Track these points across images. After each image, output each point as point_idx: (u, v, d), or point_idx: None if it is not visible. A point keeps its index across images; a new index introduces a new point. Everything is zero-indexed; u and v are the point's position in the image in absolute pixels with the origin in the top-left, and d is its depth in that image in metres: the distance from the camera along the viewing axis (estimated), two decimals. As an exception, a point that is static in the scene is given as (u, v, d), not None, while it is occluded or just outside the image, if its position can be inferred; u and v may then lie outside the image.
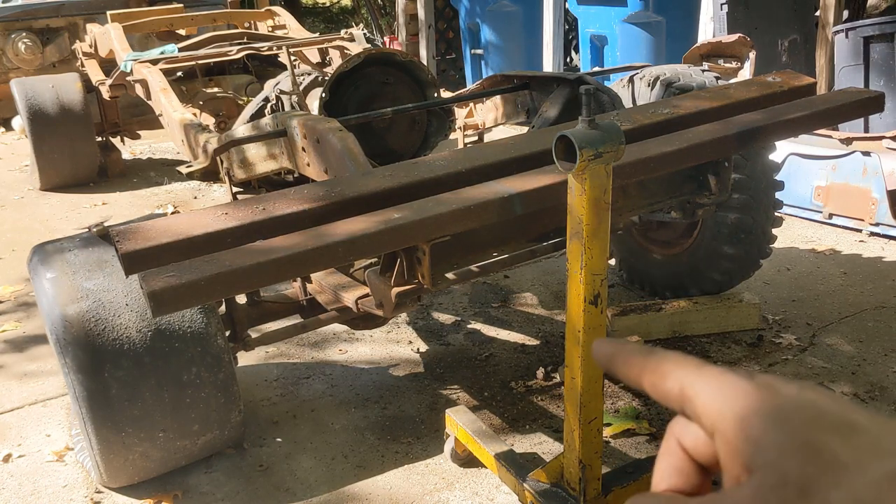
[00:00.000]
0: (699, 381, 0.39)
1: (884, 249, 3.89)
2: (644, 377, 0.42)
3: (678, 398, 0.40)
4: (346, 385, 2.90)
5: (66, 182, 5.54)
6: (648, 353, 0.43)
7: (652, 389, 0.42)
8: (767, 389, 0.36)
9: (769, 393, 0.36)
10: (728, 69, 3.78)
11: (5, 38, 6.88)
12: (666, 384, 0.40)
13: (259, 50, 4.36)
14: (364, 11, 11.01)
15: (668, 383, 0.40)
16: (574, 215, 1.66)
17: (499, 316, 3.39)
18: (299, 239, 1.68)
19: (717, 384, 0.38)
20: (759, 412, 0.35)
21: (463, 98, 3.37)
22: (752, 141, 2.25)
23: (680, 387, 0.40)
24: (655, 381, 0.41)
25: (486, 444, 2.16)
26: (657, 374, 0.41)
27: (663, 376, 0.41)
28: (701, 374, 0.39)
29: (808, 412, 0.34)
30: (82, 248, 2.24)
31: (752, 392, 0.36)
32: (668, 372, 0.41)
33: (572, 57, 7.48)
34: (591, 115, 1.56)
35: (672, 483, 0.42)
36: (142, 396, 2.12)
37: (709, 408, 0.38)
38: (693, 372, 0.39)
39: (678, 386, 0.40)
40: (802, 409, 0.35)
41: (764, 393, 0.36)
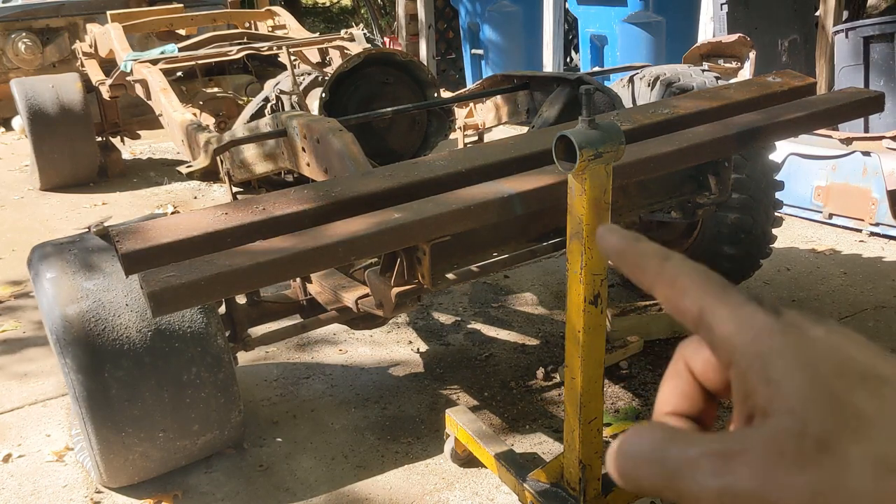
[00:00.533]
0: (721, 308, 0.36)
1: (884, 249, 3.89)
2: (658, 287, 0.39)
3: (694, 319, 0.37)
4: (346, 385, 2.90)
5: (66, 182, 5.53)
6: (665, 258, 0.39)
7: (665, 301, 0.38)
8: (794, 329, 0.34)
9: (795, 333, 0.34)
10: (728, 69, 3.78)
11: (5, 38, 6.88)
12: (683, 301, 0.37)
13: (259, 50, 4.36)
14: (364, 11, 11.02)
15: (686, 301, 0.37)
16: (574, 215, 1.66)
17: (499, 316, 3.39)
18: (299, 239, 1.68)
19: (741, 316, 0.35)
20: (782, 353, 0.33)
21: (463, 98, 3.37)
22: (752, 141, 2.25)
23: (699, 309, 0.36)
24: (671, 295, 0.38)
25: (486, 444, 2.16)
26: (674, 287, 0.38)
27: (681, 292, 0.37)
28: (724, 301, 0.36)
29: (834, 359, 0.32)
30: (82, 248, 2.24)
31: (777, 330, 0.34)
32: (687, 289, 0.37)
33: (572, 57, 7.48)
34: (591, 115, 1.56)
35: (677, 406, 0.40)
36: (142, 396, 2.12)
37: (729, 340, 0.35)
38: (715, 295, 0.36)
39: (696, 307, 0.37)
40: (829, 355, 0.33)
41: (790, 332, 0.34)
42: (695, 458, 0.33)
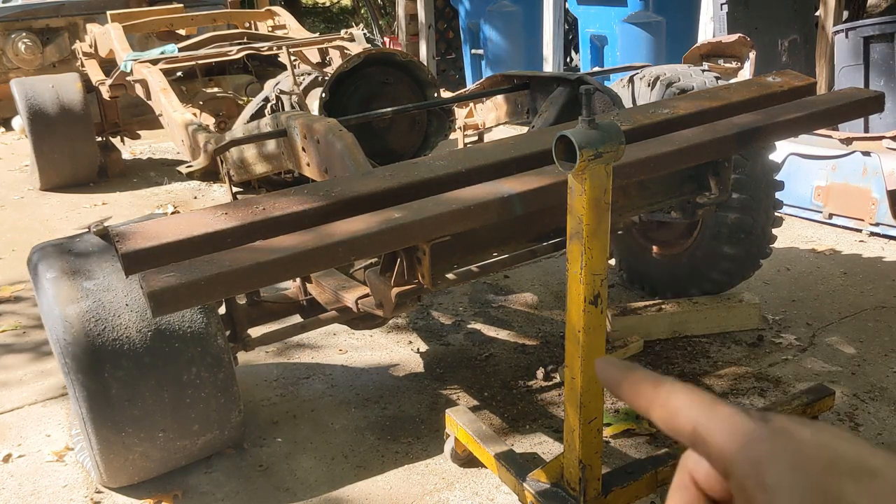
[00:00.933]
0: (712, 423, 0.38)
1: (884, 249, 3.89)
2: (653, 410, 0.42)
3: (690, 437, 0.39)
4: (346, 385, 2.90)
5: (66, 182, 5.53)
6: (657, 383, 0.42)
7: (662, 424, 0.41)
8: (782, 433, 0.36)
9: (784, 437, 0.36)
10: (728, 69, 3.78)
11: (5, 38, 6.88)
12: (677, 422, 0.40)
13: (259, 50, 4.36)
14: (364, 11, 11.01)
15: (680, 421, 0.40)
16: (574, 215, 1.66)
17: (499, 316, 3.39)
18: (299, 239, 1.68)
19: (731, 427, 0.37)
20: (774, 459, 0.35)
21: (463, 98, 3.37)
22: (752, 141, 2.25)
23: (692, 426, 0.39)
24: (666, 416, 0.41)
25: (486, 444, 2.16)
26: (667, 409, 0.41)
27: (674, 413, 0.40)
28: (713, 415, 0.38)
29: (823, 457, 0.34)
30: (82, 248, 2.24)
31: (766, 437, 0.36)
32: (679, 409, 0.40)
33: (572, 57, 7.47)
34: (591, 115, 1.56)
35: None
36: (142, 396, 2.12)
37: (723, 451, 0.37)
38: (705, 412, 0.39)
39: (690, 425, 0.39)
40: (818, 454, 0.34)
41: (779, 437, 0.36)
42: None
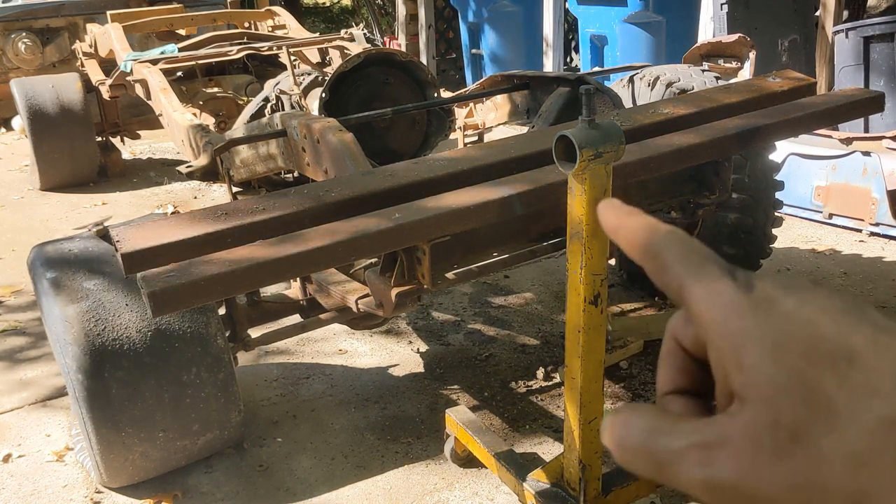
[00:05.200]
0: (696, 285, 0.36)
1: (884, 249, 3.89)
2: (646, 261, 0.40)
3: (676, 294, 0.38)
4: (346, 385, 2.89)
5: (66, 182, 5.53)
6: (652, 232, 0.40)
7: (652, 276, 0.39)
8: (766, 307, 0.34)
9: (766, 312, 0.34)
10: (728, 69, 3.78)
11: (5, 38, 6.88)
12: (665, 277, 0.38)
13: (259, 50, 4.36)
14: (364, 11, 11.01)
15: (668, 277, 0.38)
16: (574, 215, 1.65)
17: (499, 316, 3.39)
18: (299, 239, 1.68)
19: (713, 294, 0.35)
20: (753, 336, 0.33)
21: (463, 98, 3.37)
22: (752, 141, 2.25)
23: (678, 285, 0.37)
24: (655, 269, 0.39)
25: (486, 444, 2.16)
26: (658, 262, 0.39)
27: (664, 267, 0.38)
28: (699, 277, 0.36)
29: (804, 338, 0.33)
30: (82, 248, 2.24)
31: (748, 310, 0.34)
32: (669, 264, 0.38)
33: (572, 57, 7.47)
34: (591, 115, 1.56)
35: (675, 384, 0.41)
36: (142, 396, 2.12)
37: (703, 318, 0.36)
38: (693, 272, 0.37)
39: (676, 282, 0.37)
40: (798, 334, 0.33)
41: (761, 312, 0.34)
42: (680, 449, 0.34)
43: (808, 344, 0.33)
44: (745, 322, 0.34)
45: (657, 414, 0.37)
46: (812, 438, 0.31)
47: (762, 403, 0.32)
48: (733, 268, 0.37)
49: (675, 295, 0.38)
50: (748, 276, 0.36)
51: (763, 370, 0.33)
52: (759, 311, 0.34)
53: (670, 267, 0.38)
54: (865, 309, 0.34)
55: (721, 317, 0.35)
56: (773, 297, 0.35)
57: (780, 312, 0.34)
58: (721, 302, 0.35)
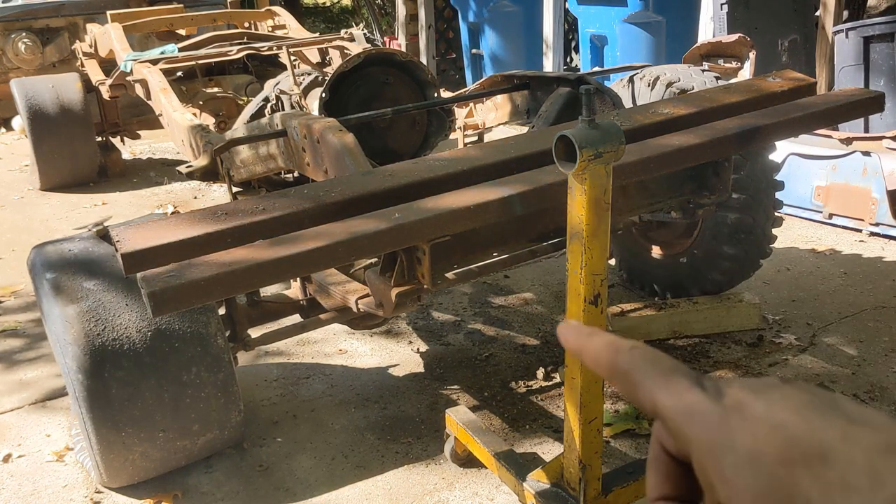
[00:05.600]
0: (669, 400, 0.38)
1: (884, 249, 3.89)
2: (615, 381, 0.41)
3: (651, 411, 0.39)
4: (346, 385, 2.89)
5: (66, 182, 5.53)
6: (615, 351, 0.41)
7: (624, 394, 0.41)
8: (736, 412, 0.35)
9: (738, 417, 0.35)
10: (728, 69, 3.78)
11: (5, 38, 6.88)
12: (637, 395, 0.39)
13: (259, 50, 4.36)
14: (364, 11, 11.01)
15: (640, 395, 0.39)
16: (574, 215, 1.66)
17: (499, 316, 3.39)
18: (299, 239, 1.68)
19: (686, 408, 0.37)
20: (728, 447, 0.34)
21: (463, 98, 3.37)
22: (752, 141, 2.25)
23: (651, 403, 0.39)
24: (626, 389, 0.40)
25: (486, 444, 2.16)
26: (628, 382, 0.40)
27: (634, 386, 0.40)
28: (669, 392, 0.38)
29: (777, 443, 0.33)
30: (82, 248, 2.24)
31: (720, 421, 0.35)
32: (638, 383, 0.39)
33: (572, 57, 7.47)
34: (591, 115, 1.56)
35: (664, 491, 0.42)
36: (142, 396, 2.12)
37: (680, 433, 0.37)
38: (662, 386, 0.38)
39: (649, 400, 0.39)
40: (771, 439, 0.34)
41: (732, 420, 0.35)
42: None
43: (782, 448, 0.33)
44: (720, 434, 0.35)
45: None
46: None
47: None
48: (700, 376, 0.38)
49: (649, 411, 0.39)
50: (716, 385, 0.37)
51: (742, 481, 0.34)
52: (731, 419, 0.35)
53: (640, 384, 0.39)
54: (836, 400, 0.35)
55: (696, 431, 0.36)
56: (742, 402, 0.35)
57: (752, 418, 0.35)
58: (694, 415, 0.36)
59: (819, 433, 0.33)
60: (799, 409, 0.34)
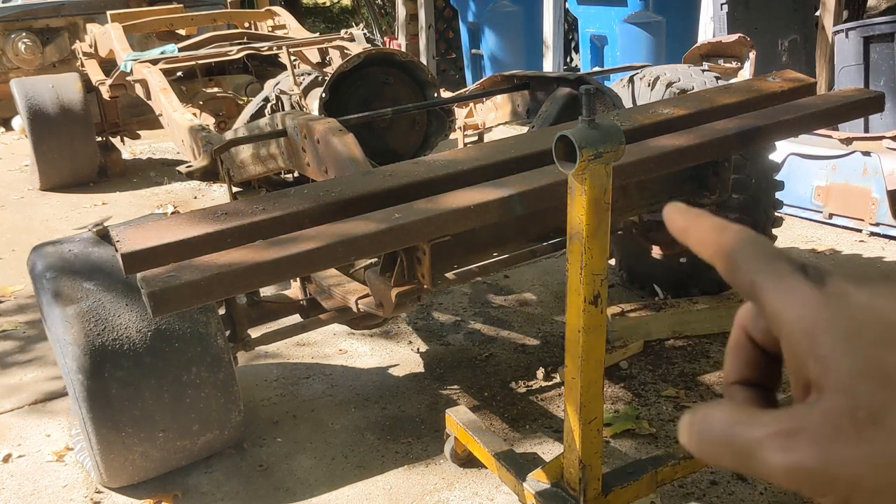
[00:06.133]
0: (768, 282, 0.37)
1: (884, 249, 3.89)
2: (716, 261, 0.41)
3: (748, 292, 0.39)
4: (346, 385, 2.89)
5: (66, 182, 5.53)
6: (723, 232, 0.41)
7: (723, 275, 0.40)
8: (838, 299, 0.35)
9: (839, 304, 0.35)
10: (728, 69, 3.78)
11: (5, 38, 6.88)
12: (737, 276, 0.39)
13: (259, 50, 4.36)
14: (364, 11, 11.02)
15: (739, 276, 0.39)
16: (574, 215, 1.66)
17: (499, 316, 3.39)
18: (299, 239, 1.68)
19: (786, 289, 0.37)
20: (828, 328, 0.35)
21: (463, 98, 3.37)
22: (752, 141, 2.25)
23: (750, 283, 0.38)
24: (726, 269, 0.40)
25: (486, 444, 2.16)
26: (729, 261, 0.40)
27: (735, 266, 0.39)
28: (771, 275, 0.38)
29: (877, 327, 0.34)
30: (82, 248, 2.24)
31: (821, 303, 0.35)
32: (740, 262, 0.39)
33: (572, 57, 7.47)
34: (591, 115, 1.56)
35: (742, 375, 0.42)
36: (142, 396, 2.12)
37: (777, 314, 0.37)
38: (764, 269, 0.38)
39: (748, 281, 0.39)
40: (872, 324, 0.34)
41: (833, 304, 0.35)
42: (761, 438, 0.35)
43: (881, 332, 0.33)
44: (819, 315, 0.35)
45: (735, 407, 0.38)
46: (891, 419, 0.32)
47: (840, 390, 0.33)
48: (804, 264, 0.38)
49: (746, 292, 0.39)
50: (820, 272, 0.37)
51: (839, 359, 0.34)
52: (831, 304, 0.35)
53: (742, 265, 0.39)
54: None
55: (795, 311, 0.36)
56: (844, 291, 0.36)
57: (853, 304, 0.35)
58: (794, 297, 0.36)
59: None
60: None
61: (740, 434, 0.36)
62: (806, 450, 0.33)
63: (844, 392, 0.33)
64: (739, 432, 0.36)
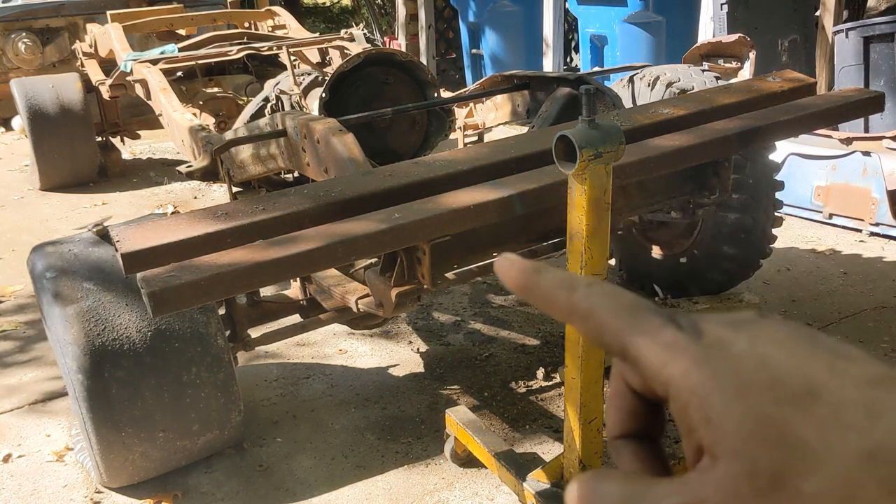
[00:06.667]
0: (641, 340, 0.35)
1: (884, 249, 3.89)
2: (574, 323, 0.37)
3: (620, 354, 0.36)
4: (346, 385, 2.89)
5: (66, 182, 5.53)
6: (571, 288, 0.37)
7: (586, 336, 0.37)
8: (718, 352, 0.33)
9: (721, 358, 0.33)
10: (728, 69, 3.77)
11: (5, 38, 6.88)
12: (603, 337, 0.36)
13: (259, 50, 4.36)
14: (364, 11, 11.02)
15: (606, 337, 0.36)
16: (574, 215, 1.65)
17: (499, 316, 3.39)
18: (299, 239, 1.68)
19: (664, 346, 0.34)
20: (713, 387, 0.32)
21: (463, 98, 3.37)
22: (752, 141, 2.25)
23: (620, 345, 0.36)
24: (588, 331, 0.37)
25: (486, 444, 2.16)
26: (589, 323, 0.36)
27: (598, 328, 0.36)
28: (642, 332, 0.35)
29: (763, 380, 0.32)
30: (82, 249, 2.24)
31: (701, 359, 0.33)
32: (603, 324, 0.36)
33: (572, 57, 7.47)
34: (591, 115, 1.56)
35: (625, 428, 0.40)
36: (142, 396, 2.11)
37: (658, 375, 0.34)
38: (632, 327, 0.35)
39: (618, 343, 0.36)
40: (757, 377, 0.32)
41: (715, 359, 0.33)
42: None
43: (769, 385, 0.31)
44: (702, 374, 0.33)
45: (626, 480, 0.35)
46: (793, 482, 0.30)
47: (735, 455, 0.31)
48: (672, 313, 0.36)
49: (618, 353, 0.36)
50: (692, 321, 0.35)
51: (730, 421, 0.32)
52: (713, 358, 0.33)
53: (605, 326, 0.36)
54: (816, 335, 0.33)
55: (677, 373, 0.34)
56: (723, 339, 0.33)
57: (735, 356, 0.33)
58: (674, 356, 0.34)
59: (806, 368, 0.31)
60: (782, 344, 0.33)
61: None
62: None
63: (739, 456, 0.31)
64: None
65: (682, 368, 0.33)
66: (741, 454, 0.31)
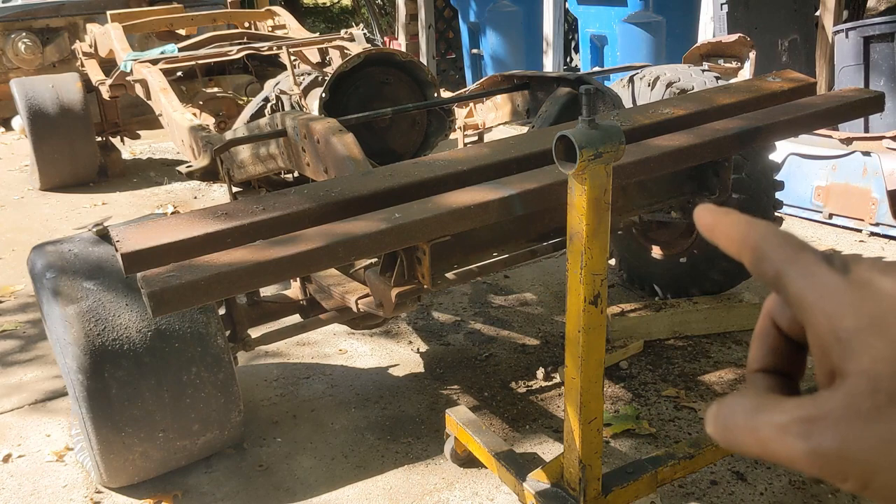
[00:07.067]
0: (794, 270, 0.39)
1: (884, 249, 3.89)
2: (743, 254, 0.42)
3: (773, 282, 0.40)
4: (346, 385, 2.89)
5: (66, 182, 5.53)
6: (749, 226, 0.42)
7: (750, 267, 0.41)
8: (862, 286, 0.36)
9: (863, 290, 0.36)
10: (728, 69, 3.78)
11: (5, 38, 6.88)
12: (763, 266, 0.40)
13: (259, 50, 4.36)
14: (364, 11, 11.01)
15: (765, 265, 0.40)
16: (574, 215, 1.66)
17: (499, 316, 3.39)
18: (299, 239, 1.68)
19: (811, 277, 0.38)
20: (851, 313, 0.35)
21: (463, 98, 3.37)
22: (752, 141, 2.25)
23: (775, 272, 0.39)
24: (753, 260, 0.41)
25: (486, 444, 2.16)
26: (756, 253, 0.41)
27: (761, 258, 0.40)
28: (796, 263, 0.39)
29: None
30: (82, 248, 2.24)
31: (845, 290, 0.36)
32: (766, 253, 0.40)
33: (572, 57, 7.47)
34: (591, 115, 1.56)
35: (766, 363, 0.43)
36: (142, 396, 2.12)
37: (802, 301, 0.38)
38: (790, 258, 0.39)
39: (773, 270, 0.40)
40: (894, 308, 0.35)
41: (857, 291, 0.36)
42: (783, 425, 0.36)
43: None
44: (843, 301, 0.36)
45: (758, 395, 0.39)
46: None
47: (861, 373, 0.34)
48: (829, 253, 0.39)
49: (772, 282, 0.40)
50: (844, 260, 0.38)
51: (861, 343, 0.35)
52: (855, 290, 0.36)
53: (767, 256, 0.40)
54: None
55: (819, 298, 0.37)
56: (868, 278, 0.37)
57: (877, 291, 0.36)
58: (819, 285, 0.37)
59: None
60: None
61: (763, 421, 0.36)
62: (826, 435, 0.34)
63: (865, 375, 0.34)
64: (762, 419, 0.37)
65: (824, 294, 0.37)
66: (867, 373, 0.34)
